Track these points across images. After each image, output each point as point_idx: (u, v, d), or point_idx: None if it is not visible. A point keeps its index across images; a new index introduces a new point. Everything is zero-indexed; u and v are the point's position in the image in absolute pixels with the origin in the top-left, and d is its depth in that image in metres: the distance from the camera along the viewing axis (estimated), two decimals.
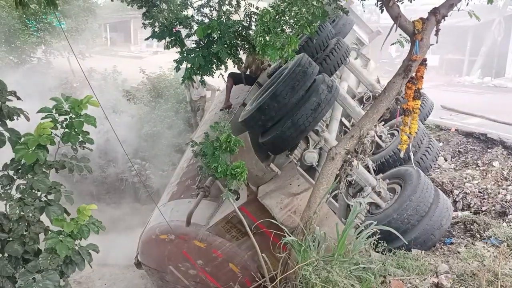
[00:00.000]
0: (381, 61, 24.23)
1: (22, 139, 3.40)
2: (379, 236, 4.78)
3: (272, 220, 5.20)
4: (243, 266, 6.20)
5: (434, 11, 4.65)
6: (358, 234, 4.55)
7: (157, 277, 7.56)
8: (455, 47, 24.04)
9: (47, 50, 20.54)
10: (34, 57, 20.34)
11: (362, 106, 8.58)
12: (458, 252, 5.02)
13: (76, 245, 3.22)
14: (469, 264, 4.53)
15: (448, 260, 4.84)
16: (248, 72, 9.24)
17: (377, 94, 8.10)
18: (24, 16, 17.25)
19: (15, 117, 3.69)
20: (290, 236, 4.57)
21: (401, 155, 5.64)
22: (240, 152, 5.41)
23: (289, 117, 5.47)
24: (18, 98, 3.81)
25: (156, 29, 5.63)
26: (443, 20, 4.67)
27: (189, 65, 5.34)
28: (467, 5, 4.61)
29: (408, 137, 5.13)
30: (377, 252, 4.97)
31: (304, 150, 6.07)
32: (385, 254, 4.96)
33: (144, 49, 36.30)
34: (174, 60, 5.52)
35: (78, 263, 3.21)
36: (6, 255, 3.33)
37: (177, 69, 5.56)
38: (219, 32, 5.11)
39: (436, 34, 4.74)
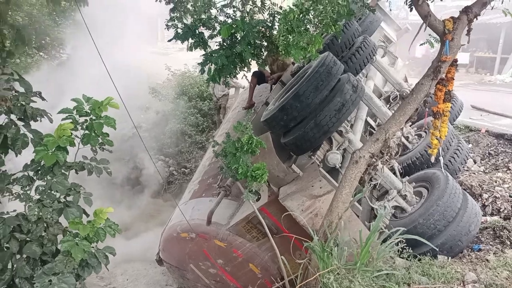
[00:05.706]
0: (410, 60, 23.67)
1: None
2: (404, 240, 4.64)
3: (295, 216, 5.13)
4: (264, 267, 6.14)
5: (466, 10, 4.46)
6: (382, 242, 4.42)
7: (178, 274, 7.59)
8: (486, 45, 23.30)
9: (76, 46, 20.87)
10: (64, 53, 20.69)
11: (388, 106, 8.37)
12: (487, 260, 4.83)
13: (93, 247, 3.20)
14: (499, 274, 4.35)
15: (476, 268, 4.65)
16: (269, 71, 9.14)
17: (404, 94, 7.90)
18: (54, 13, 17.55)
19: (38, 118, 3.70)
20: (314, 236, 4.47)
21: (432, 160, 5.47)
22: (262, 153, 5.33)
23: (312, 118, 5.35)
24: (43, 99, 3.81)
25: (179, 30, 5.58)
26: (475, 19, 4.48)
27: (212, 67, 5.29)
28: (502, 3, 4.40)
29: (438, 140, 4.95)
30: (402, 258, 4.82)
31: (327, 151, 5.95)
32: (410, 260, 4.81)
33: (170, 46, 36.47)
34: (198, 64, 5.48)
35: (94, 266, 3.20)
36: (24, 256, 3.35)
37: (202, 71, 5.51)
38: (242, 32, 5.03)
39: (468, 34, 4.55)
